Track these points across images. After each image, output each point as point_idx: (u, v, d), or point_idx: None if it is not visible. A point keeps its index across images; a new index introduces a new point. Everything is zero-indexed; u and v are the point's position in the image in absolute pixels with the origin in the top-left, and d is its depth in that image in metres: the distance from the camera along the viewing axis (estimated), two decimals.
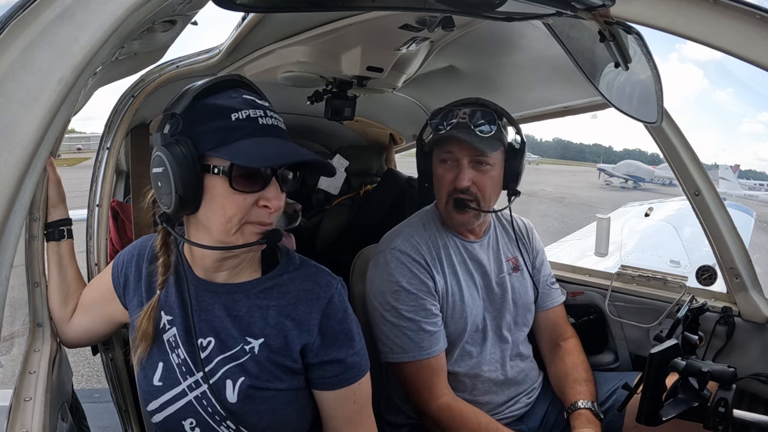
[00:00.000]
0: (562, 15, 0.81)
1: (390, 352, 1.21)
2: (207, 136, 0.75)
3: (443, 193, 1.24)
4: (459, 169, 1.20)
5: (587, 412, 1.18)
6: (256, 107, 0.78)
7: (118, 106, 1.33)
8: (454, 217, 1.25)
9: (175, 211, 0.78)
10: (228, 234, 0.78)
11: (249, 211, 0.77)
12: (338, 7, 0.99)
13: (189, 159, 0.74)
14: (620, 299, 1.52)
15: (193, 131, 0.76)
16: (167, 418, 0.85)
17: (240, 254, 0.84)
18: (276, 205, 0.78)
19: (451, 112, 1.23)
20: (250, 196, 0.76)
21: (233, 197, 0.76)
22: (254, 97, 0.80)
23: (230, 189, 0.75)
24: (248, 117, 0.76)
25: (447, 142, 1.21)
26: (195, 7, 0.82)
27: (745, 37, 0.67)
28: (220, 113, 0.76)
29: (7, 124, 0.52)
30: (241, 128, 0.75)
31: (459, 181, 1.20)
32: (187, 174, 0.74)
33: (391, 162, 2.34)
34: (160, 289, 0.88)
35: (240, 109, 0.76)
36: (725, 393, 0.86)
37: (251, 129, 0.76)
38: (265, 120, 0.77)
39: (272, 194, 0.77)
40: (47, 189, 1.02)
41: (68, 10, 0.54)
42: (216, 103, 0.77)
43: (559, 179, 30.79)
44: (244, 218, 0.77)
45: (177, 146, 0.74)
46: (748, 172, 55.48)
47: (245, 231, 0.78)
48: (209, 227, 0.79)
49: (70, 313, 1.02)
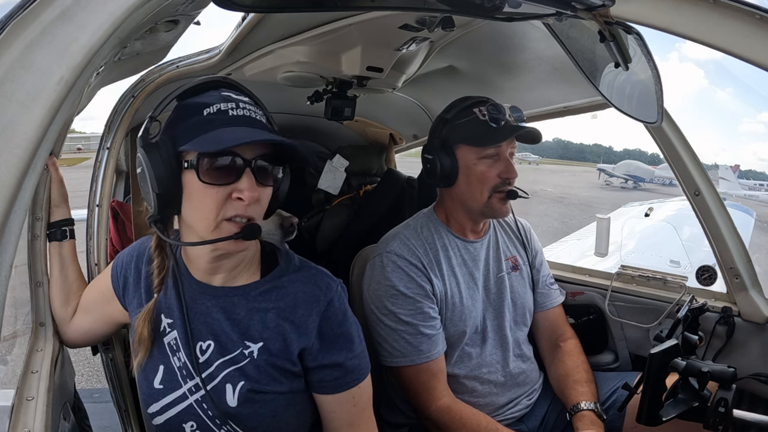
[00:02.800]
0: (562, 15, 0.81)
1: (389, 356, 1.21)
2: (183, 134, 0.76)
3: (485, 189, 1.22)
4: (504, 162, 1.21)
5: (590, 413, 1.18)
6: (229, 101, 0.78)
7: (118, 106, 1.33)
8: (501, 209, 1.25)
9: (158, 211, 0.78)
10: (208, 231, 0.77)
11: (224, 205, 0.76)
12: (338, 7, 0.98)
13: (165, 157, 0.75)
14: (620, 299, 1.52)
15: (172, 131, 0.78)
16: (168, 421, 0.85)
17: (232, 254, 0.83)
18: (249, 197, 0.75)
19: (500, 107, 1.21)
20: (222, 189, 0.75)
21: (207, 191, 0.75)
22: (232, 93, 0.80)
23: (202, 183, 0.75)
24: (219, 110, 0.77)
25: (500, 138, 1.20)
26: (197, 7, 0.82)
27: (745, 37, 0.67)
28: (195, 110, 0.77)
29: (7, 124, 0.52)
30: (211, 121, 0.76)
31: (512, 173, 1.22)
32: (162, 172, 0.75)
33: (391, 162, 2.34)
34: (156, 292, 0.88)
35: (212, 104, 0.77)
36: (725, 393, 0.86)
37: (221, 121, 0.76)
38: (236, 111, 0.77)
39: (245, 185, 0.76)
40: (50, 189, 1.02)
41: (68, 10, 0.54)
42: (194, 101, 0.79)
43: (559, 179, 30.78)
44: (221, 214, 0.76)
45: (154, 146, 0.76)
46: (748, 172, 55.45)
47: (222, 228, 0.77)
48: (191, 225, 0.80)
49: (71, 313, 1.02)
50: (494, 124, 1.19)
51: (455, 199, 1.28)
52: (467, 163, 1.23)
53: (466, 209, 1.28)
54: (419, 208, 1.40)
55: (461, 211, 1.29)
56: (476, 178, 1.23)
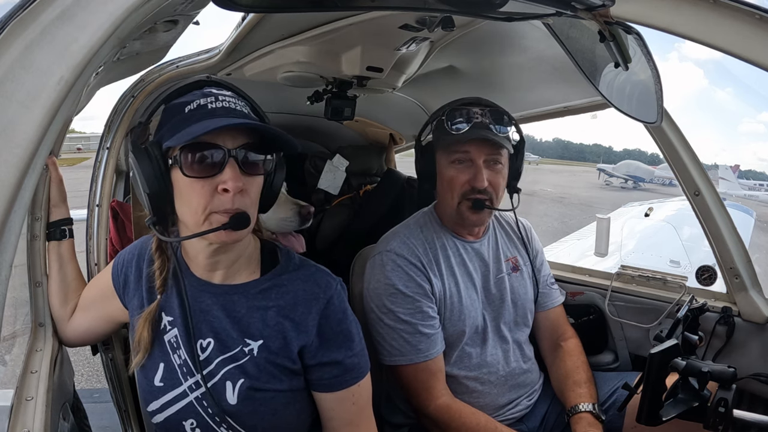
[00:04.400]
0: (562, 15, 0.81)
1: (388, 354, 1.21)
2: (166, 133, 0.77)
3: (455, 195, 1.23)
4: (475, 170, 1.20)
5: (588, 415, 1.18)
6: (209, 96, 0.79)
7: (118, 106, 1.34)
8: (470, 218, 1.24)
9: (153, 212, 0.79)
10: (198, 224, 0.78)
11: (211, 199, 0.76)
12: (338, 7, 0.98)
13: (152, 157, 0.77)
14: (620, 299, 1.52)
15: (159, 133, 0.79)
16: (168, 419, 0.85)
17: (229, 248, 0.84)
18: (234, 187, 0.75)
19: (467, 111, 1.21)
20: (207, 181, 0.76)
21: (193, 186, 0.76)
22: (213, 89, 0.81)
23: (187, 178, 0.75)
24: (198, 105, 0.78)
25: (463, 143, 1.20)
26: (197, 6, 0.82)
27: (745, 37, 0.67)
28: (178, 109, 0.78)
29: (7, 124, 0.52)
30: (191, 117, 0.77)
31: (478, 182, 1.19)
32: (150, 172, 0.77)
33: (391, 162, 2.34)
34: (160, 294, 0.88)
35: (193, 101, 0.78)
36: (725, 393, 0.86)
37: (200, 114, 0.77)
38: (214, 104, 0.78)
39: (228, 176, 0.75)
40: (49, 188, 1.02)
41: (68, 10, 0.54)
42: (177, 102, 0.80)
43: (559, 179, 30.78)
44: (208, 207, 0.76)
45: (141, 149, 0.77)
46: (748, 172, 55.47)
47: (212, 220, 0.77)
48: (184, 222, 0.81)
49: (70, 313, 1.02)
50: (454, 128, 1.21)
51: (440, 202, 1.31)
52: (441, 168, 1.26)
53: (446, 214, 1.30)
54: (419, 208, 1.40)
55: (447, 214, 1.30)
56: (446, 182, 1.25)
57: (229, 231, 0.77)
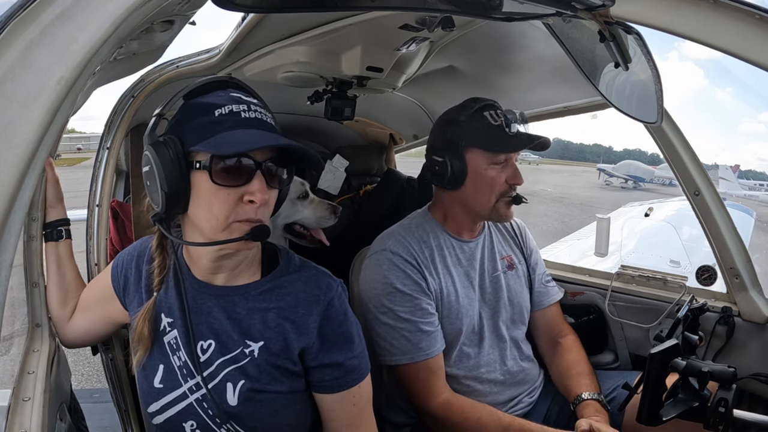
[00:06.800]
0: (562, 15, 0.81)
1: (388, 354, 1.20)
2: (192, 133, 0.76)
3: (493, 194, 1.22)
4: (512, 169, 1.23)
5: (594, 402, 1.19)
6: (240, 102, 0.78)
7: (118, 106, 1.33)
8: (506, 214, 1.26)
9: (165, 210, 0.78)
10: (216, 232, 0.77)
11: (235, 208, 0.76)
12: (338, 7, 0.99)
13: (174, 156, 0.75)
14: (620, 299, 1.52)
15: (180, 130, 0.77)
16: (168, 420, 0.85)
17: (235, 253, 0.83)
18: (261, 199, 0.75)
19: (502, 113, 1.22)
20: (233, 190, 0.76)
21: (217, 193, 0.75)
22: (241, 94, 0.80)
23: (213, 184, 0.75)
24: (231, 111, 0.77)
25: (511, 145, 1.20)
26: (193, 7, 0.82)
27: (745, 37, 0.67)
28: (205, 110, 0.77)
29: (7, 124, 0.52)
30: (222, 122, 0.76)
31: (519, 180, 1.23)
32: (171, 170, 0.75)
33: (391, 162, 2.34)
34: (156, 291, 0.87)
35: (223, 105, 0.77)
36: (725, 393, 0.86)
37: (232, 122, 0.76)
38: (248, 114, 0.77)
39: (256, 188, 0.76)
40: (45, 189, 1.02)
41: (68, 10, 0.54)
42: (202, 101, 0.79)
43: (559, 179, 30.77)
44: (231, 216, 0.76)
45: (162, 144, 0.76)
46: (748, 172, 55.41)
47: (233, 229, 0.77)
48: (199, 225, 0.79)
49: (70, 313, 1.02)
50: (509, 130, 1.20)
51: (458, 201, 1.28)
52: (477, 168, 1.22)
53: (470, 212, 1.28)
54: (419, 207, 1.40)
55: (463, 213, 1.29)
56: (485, 184, 1.22)
57: (248, 241, 0.78)
